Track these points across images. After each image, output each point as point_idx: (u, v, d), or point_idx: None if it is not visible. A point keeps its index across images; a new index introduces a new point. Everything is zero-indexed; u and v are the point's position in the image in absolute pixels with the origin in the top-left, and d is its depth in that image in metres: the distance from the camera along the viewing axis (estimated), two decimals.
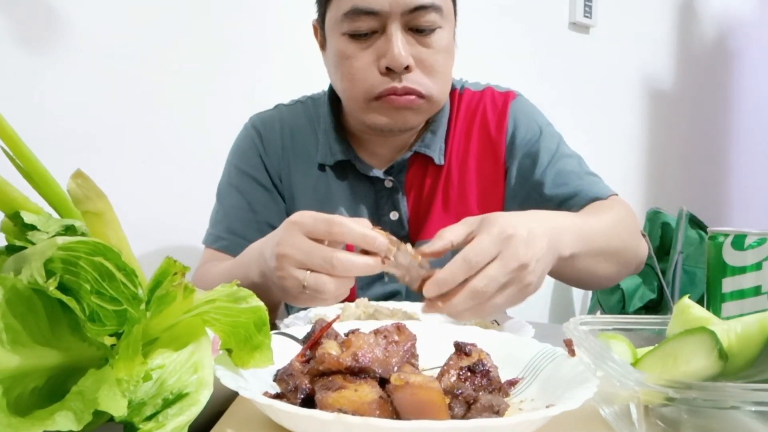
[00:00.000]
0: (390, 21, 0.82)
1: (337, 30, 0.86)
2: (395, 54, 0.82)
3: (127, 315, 0.35)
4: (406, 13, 0.82)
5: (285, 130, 1.00)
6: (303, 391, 0.41)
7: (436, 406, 0.38)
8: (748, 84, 2.78)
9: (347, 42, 0.85)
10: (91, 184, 0.40)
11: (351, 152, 0.96)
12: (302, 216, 0.64)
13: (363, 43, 0.85)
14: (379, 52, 0.84)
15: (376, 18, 0.82)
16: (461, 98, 1.00)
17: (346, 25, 0.84)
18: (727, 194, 2.80)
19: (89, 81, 1.21)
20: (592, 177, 0.94)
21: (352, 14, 0.83)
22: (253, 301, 0.41)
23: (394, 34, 0.82)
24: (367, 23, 0.83)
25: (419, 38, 0.85)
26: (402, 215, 0.96)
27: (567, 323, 0.50)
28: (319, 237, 0.62)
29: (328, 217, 0.62)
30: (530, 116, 0.98)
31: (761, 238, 0.55)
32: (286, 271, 0.63)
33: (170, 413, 0.36)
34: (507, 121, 0.97)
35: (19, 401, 0.33)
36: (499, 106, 0.98)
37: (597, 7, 2.18)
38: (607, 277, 0.85)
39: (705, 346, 0.39)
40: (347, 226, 0.61)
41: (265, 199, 0.98)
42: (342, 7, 0.84)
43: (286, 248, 0.63)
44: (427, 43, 0.85)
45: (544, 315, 2.19)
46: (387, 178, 0.95)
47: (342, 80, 0.89)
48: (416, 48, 0.85)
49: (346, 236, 0.61)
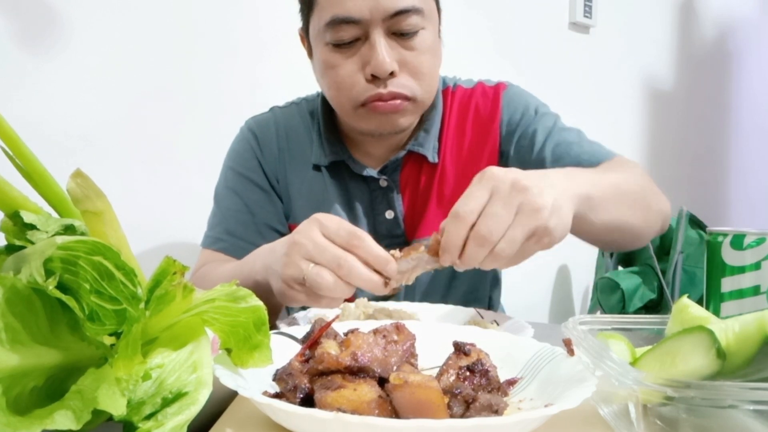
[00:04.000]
0: (372, 28, 0.82)
1: (321, 40, 0.86)
2: (379, 61, 0.82)
3: (127, 314, 0.35)
4: (387, 18, 0.82)
5: (280, 132, 1.01)
6: (302, 390, 0.41)
7: (435, 405, 0.38)
8: (748, 84, 2.78)
9: (331, 51, 0.86)
10: (90, 183, 0.40)
11: (345, 152, 0.97)
12: (328, 218, 0.64)
13: (347, 51, 0.85)
14: (363, 60, 0.84)
15: (357, 26, 0.83)
16: (454, 96, 1.00)
17: (329, 35, 0.84)
18: (726, 194, 2.80)
19: (88, 81, 1.21)
20: (594, 145, 0.93)
21: (333, 24, 0.83)
22: (253, 301, 0.41)
23: (377, 40, 0.82)
24: (349, 32, 0.83)
25: (402, 42, 0.84)
26: (397, 214, 0.97)
27: (566, 323, 0.50)
28: (337, 241, 0.62)
29: (352, 228, 0.62)
30: (523, 100, 0.98)
31: (760, 237, 0.55)
32: (293, 258, 0.63)
33: (169, 412, 0.36)
34: (500, 109, 0.97)
35: (18, 400, 0.33)
36: (491, 98, 0.99)
37: (597, 7, 2.19)
38: (634, 226, 0.81)
39: (703, 345, 0.39)
40: (366, 242, 0.61)
41: (263, 201, 0.99)
42: (323, 17, 0.84)
43: (301, 237, 0.63)
44: (411, 46, 0.85)
45: (544, 315, 2.19)
46: (381, 178, 0.96)
47: (329, 89, 0.90)
48: (400, 51, 0.84)
49: (362, 250, 0.61)
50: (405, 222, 0.98)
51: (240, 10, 1.40)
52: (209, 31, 1.36)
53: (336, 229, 0.62)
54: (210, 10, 1.36)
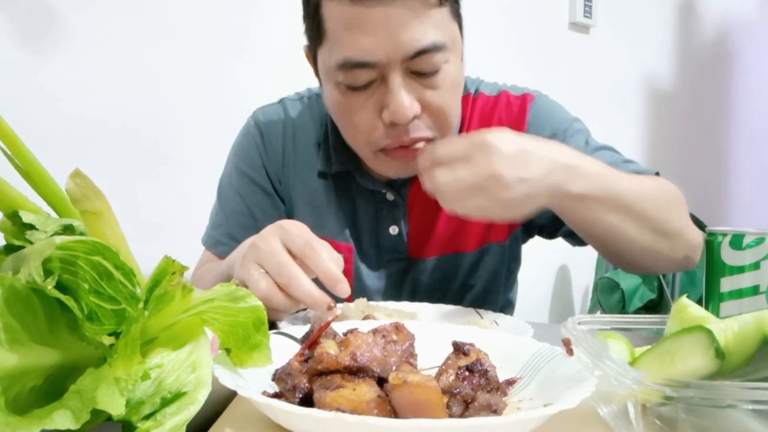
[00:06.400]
0: (390, 70, 0.73)
1: (332, 78, 0.77)
2: (399, 108, 0.73)
3: (126, 314, 0.35)
4: (407, 59, 0.73)
5: (287, 131, 0.96)
6: (301, 390, 0.41)
7: (434, 405, 0.38)
8: (748, 84, 2.78)
9: (344, 93, 0.77)
10: (89, 183, 0.40)
11: (352, 163, 0.90)
12: (292, 224, 0.64)
13: (362, 94, 0.76)
14: (380, 103, 0.75)
15: (373, 69, 0.73)
16: (475, 103, 0.93)
17: (341, 76, 0.75)
18: (726, 194, 2.80)
19: (88, 81, 1.21)
20: (630, 164, 0.86)
21: (346, 66, 0.74)
22: (252, 301, 0.41)
23: (396, 84, 0.73)
24: (364, 75, 0.74)
25: (424, 81, 0.75)
26: (402, 230, 0.92)
27: (565, 323, 0.50)
28: (293, 250, 0.62)
29: (310, 237, 0.62)
30: (552, 116, 0.90)
31: (759, 237, 0.55)
32: (246, 260, 0.63)
33: (168, 412, 0.36)
34: (526, 126, 0.89)
35: (17, 400, 0.33)
36: (516, 111, 0.91)
37: (597, 7, 2.19)
38: (640, 245, 0.74)
39: (702, 345, 0.39)
40: (319, 254, 0.61)
41: (265, 204, 0.96)
42: (334, 56, 0.75)
43: (260, 241, 0.63)
44: (434, 84, 0.76)
45: (544, 315, 2.19)
46: (389, 192, 0.91)
47: (343, 129, 0.83)
48: (421, 93, 0.75)
49: (313, 261, 0.61)
50: (410, 239, 0.93)
51: (242, 9, 1.40)
52: (210, 30, 1.36)
53: (294, 236, 0.62)
54: (210, 10, 1.36)
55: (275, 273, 0.61)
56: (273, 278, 0.61)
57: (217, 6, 1.37)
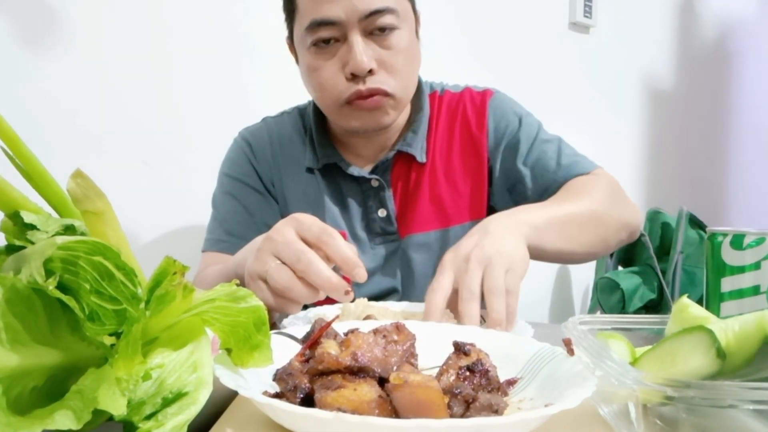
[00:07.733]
0: (349, 29, 0.87)
1: (303, 44, 0.91)
2: (357, 60, 0.86)
3: (127, 314, 0.35)
4: (363, 19, 0.86)
5: (273, 140, 1.04)
6: (302, 390, 0.41)
7: (435, 405, 0.38)
8: (748, 84, 2.78)
9: (313, 55, 0.90)
10: (90, 183, 0.40)
11: (337, 155, 1.00)
12: (303, 216, 0.65)
13: (327, 53, 0.89)
14: (343, 60, 0.89)
15: (335, 27, 0.87)
16: (442, 99, 1.05)
17: (309, 38, 0.89)
18: (726, 194, 2.80)
19: (89, 81, 1.21)
20: (573, 158, 0.97)
21: (312, 27, 0.88)
22: (253, 301, 0.41)
23: (355, 40, 0.87)
24: (327, 32, 0.88)
25: (379, 41, 0.89)
26: (389, 212, 1.00)
27: (566, 323, 0.50)
28: (309, 239, 0.63)
29: (325, 226, 0.63)
30: (508, 109, 1.02)
31: (760, 237, 0.55)
32: (261, 253, 0.64)
33: (169, 412, 0.36)
34: (487, 119, 1.01)
35: (18, 400, 0.33)
36: (478, 104, 1.03)
37: (597, 7, 2.19)
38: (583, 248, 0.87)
39: (703, 345, 0.39)
40: (336, 241, 0.62)
41: (260, 202, 1.02)
42: (303, 23, 0.89)
43: (274, 234, 0.64)
44: (387, 45, 0.89)
45: (544, 315, 2.19)
46: (373, 178, 0.99)
47: (314, 91, 0.95)
48: (377, 50, 0.89)
49: (330, 248, 0.62)
50: (397, 219, 1.01)
51: (242, 9, 1.40)
52: (210, 31, 1.36)
53: (309, 225, 0.63)
54: (211, 11, 1.36)
55: (293, 261, 0.61)
56: (291, 267, 0.62)
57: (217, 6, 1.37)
